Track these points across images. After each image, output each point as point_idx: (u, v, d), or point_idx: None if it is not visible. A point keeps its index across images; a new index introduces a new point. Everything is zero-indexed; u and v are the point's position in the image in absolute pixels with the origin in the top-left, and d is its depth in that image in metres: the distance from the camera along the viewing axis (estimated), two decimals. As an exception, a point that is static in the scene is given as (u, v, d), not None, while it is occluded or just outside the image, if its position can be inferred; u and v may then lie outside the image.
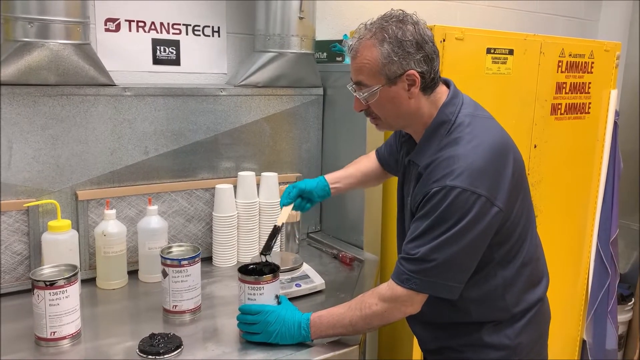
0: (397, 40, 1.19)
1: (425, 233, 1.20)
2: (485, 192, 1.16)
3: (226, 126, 1.92)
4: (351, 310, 1.29)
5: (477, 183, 1.16)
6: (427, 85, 1.25)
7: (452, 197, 1.15)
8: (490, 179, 1.18)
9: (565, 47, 2.20)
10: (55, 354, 1.30)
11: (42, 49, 1.54)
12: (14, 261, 1.62)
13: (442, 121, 1.26)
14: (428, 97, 1.27)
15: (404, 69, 1.21)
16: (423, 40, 1.21)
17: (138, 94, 1.74)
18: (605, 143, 2.48)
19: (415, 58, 1.21)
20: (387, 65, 1.20)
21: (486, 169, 1.18)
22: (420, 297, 1.25)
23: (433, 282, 1.21)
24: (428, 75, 1.23)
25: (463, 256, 1.20)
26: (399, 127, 1.38)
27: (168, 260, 1.46)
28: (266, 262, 1.43)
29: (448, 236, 1.17)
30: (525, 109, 2.14)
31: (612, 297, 2.62)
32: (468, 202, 1.15)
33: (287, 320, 1.31)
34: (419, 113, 1.28)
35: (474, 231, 1.17)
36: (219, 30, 2.04)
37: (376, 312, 1.26)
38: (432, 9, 2.59)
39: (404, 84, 1.22)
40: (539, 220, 2.30)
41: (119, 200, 1.75)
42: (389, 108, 1.27)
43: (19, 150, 1.58)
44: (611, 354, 2.68)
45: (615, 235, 2.58)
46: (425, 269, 1.20)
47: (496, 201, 1.18)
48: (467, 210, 1.15)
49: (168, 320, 1.47)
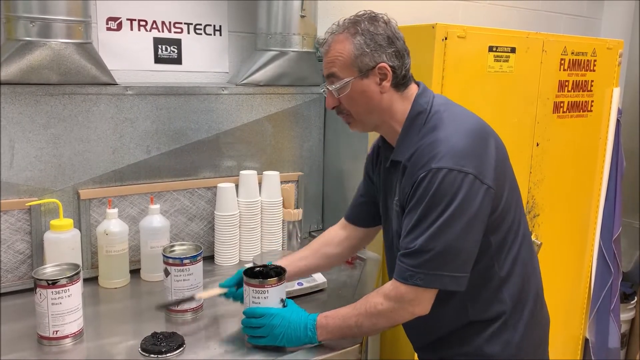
0: (370, 33, 1.21)
1: (419, 223, 1.17)
2: (472, 170, 1.15)
3: (228, 125, 1.92)
4: (356, 310, 1.25)
5: (462, 162, 1.14)
6: (398, 81, 1.25)
7: (440, 179, 1.14)
8: (476, 158, 1.17)
9: (567, 45, 2.19)
10: (57, 352, 1.30)
11: (44, 48, 1.54)
12: (17, 260, 1.62)
13: (418, 112, 1.25)
14: (401, 94, 1.27)
15: (375, 61, 1.21)
16: (394, 36, 1.23)
17: (140, 92, 1.74)
18: (608, 141, 2.47)
19: (387, 52, 1.22)
20: (360, 57, 1.21)
21: (469, 149, 1.17)
22: (428, 294, 1.20)
23: (438, 275, 1.17)
24: (399, 70, 1.24)
25: (462, 241, 1.16)
26: (372, 125, 1.32)
27: (170, 259, 1.47)
28: (273, 266, 1.40)
29: (443, 221, 1.14)
30: (527, 107, 2.14)
31: (615, 296, 2.61)
32: (456, 182, 1.13)
33: (293, 322, 1.27)
34: (391, 110, 1.27)
35: (467, 212, 1.15)
36: (220, 29, 2.04)
37: (382, 311, 1.22)
38: (433, 7, 2.58)
39: (376, 77, 1.23)
40: (541, 219, 2.31)
41: (121, 199, 1.75)
42: (361, 102, 1.25)
43: (21, 150, 1.59)
44: (614, 352, 2.67)
45: (617, 233, 2.57)
46: (427, 261, 1.16)
47: (485, 179, 1.16)
48: (457, 190, 1.13)
49: (170, 319, 1.47)
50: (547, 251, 2.30)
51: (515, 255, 1.29)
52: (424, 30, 1.79)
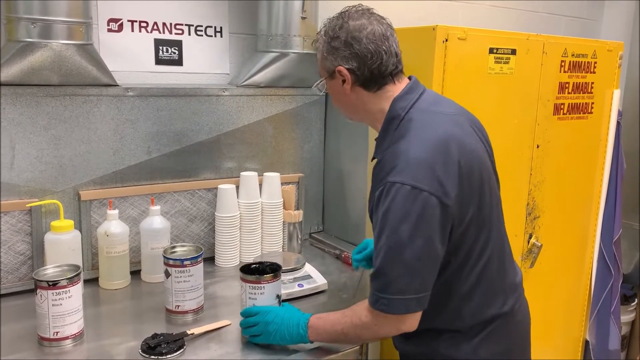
0: (328, 37, 1.24)
1: (378, 241, 1.13)
2: (427, 187, 1.09)
3: (228, 126, 1.92)
4: (345, 317, 1.23)
5: (419, 177, 1.09)
6: (364, 81, 1.24)
7: (393, 193, 1.10)
8: (434, 174, 1.10)
9: (568, 47, 2.20)
10: (58, 354, 1.30)
11: (45, 49, 1.54)
12: (17, 261, 1.62)
13: (392, 117, 1.23)
14: (373, 93, 1.25)
15: (334, 64, 1.24)
16: (354, 38, 1.20)
17: (140, 94, 1.75)
18: (608, 143, 2.47)
19: (342, 54, 1.22)
20: (323, 61, 1.27)
21: (428, 163, 1.11)
22: (405, 316, 1.15)
23: (400, 299, 1.12)
24: (361, 71, 1.22)
25: (420, 261, 1.11)
26: (357, 119, 1.35)
27: (171, 260, 1.47)
28: (269, 262, 1.43)
29: (398, 240, 1.09)
30: (527, 109, 2.14)
31: (615, 298, 2.61)
32: (409, 198, 1.08)
33: (286, 320, 1.28)
34: (364, 108, 1.28)
35: (423, 230, 1.09)
36: (221, 30, 2.04)
37: (366, 324, 1.19)
38: (434, 8, 2.59)
39: (339, 79, 1.25)
40: (541, 221, 2.31)
41: (122, 200, 1.75)
42: (335, 99, 1.33)
43: (21, 151, 1.59)
44: (614, 354, 2.67)
45: (618, 235, 2.57)
46: (387, 285, 1.12)
47: (442, 197, 1.10)
48: (410, 207, 1.08)
49: (171, 321, 1.47)
50: (547, 253, 2.30)
51: (480, 273, 1.23)
52: (424, 32, 1.79)
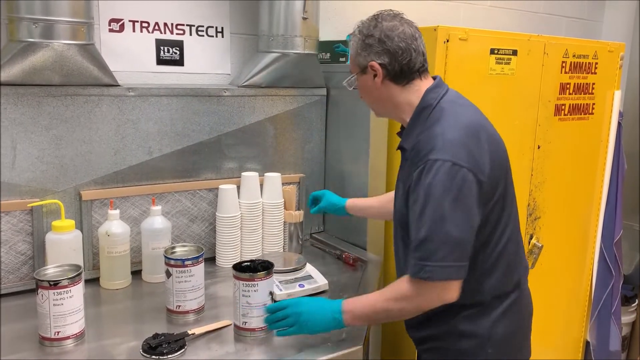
0: (362, 35, 1.35)
1: (421, 215, 1.21)
2: (466, 164, 1.20)
3: (229, 127, 1.93)
4: (384, 295, 1.28)
5: (457, 155, 1.21)
6: (395, 76, 1.33)
7: (435, 170, 1.19)
8: (470, 152, 1.22)
9: (569, 47, 2.20)
10: (59, 353, 1.30)
11: (47, 49, 1.54)
12: (18, 261, 1.62)
13: (424, 106, 1.33)
14: (402, 87, 1.35)
15: (367, 60, 1.34)
16: (387, 36, 1.32)
17: (142, 94, 1.75)
18: (609, 144, 2.47)
19: (376, 51, 1.32)
20: (356, 57, 1.37)
21: (464, 143, 1.23)
22: (448, 283, 1.22)
23: (443, 266, 1.19)
24: (392, 66, 1.32)
25: (462, 231, 1.20)
26: (384, 113, 1.45)
27: (172, 260, 1.47)
28: (260, 260, 1.45)
29: (442, 212, 1.18)
30: (528, 110, 2.14)
31: (616, 299, 2.61)
32: (450, 174, 1.19)
33: (318, 309, 1.30)
34: (393, 101, 1.36)
35: (464, 202, 1.20)
36: (222, 30, 2.04)
37: (408, 296, 1.24)
38: (435, 9, 2.59)
39: (371, 74, 1.35)
40: (542, 221, 2.31)
41: (123, 200, 1.75)
42: (365, 94, 1.41)
43: (23, 151, 1.59)
44: (615, 355, 2.67)
45: (619, 236, 2.57)
46: (431, 252, 1.19)
47: (478, 173, 1.22)
48: (452, 182, 1.19)
49: (172, 321, 1.47)
50: (548, 254, 2.30)
51: (501, 250, 1.33)
52: (425, 33, 1.77)
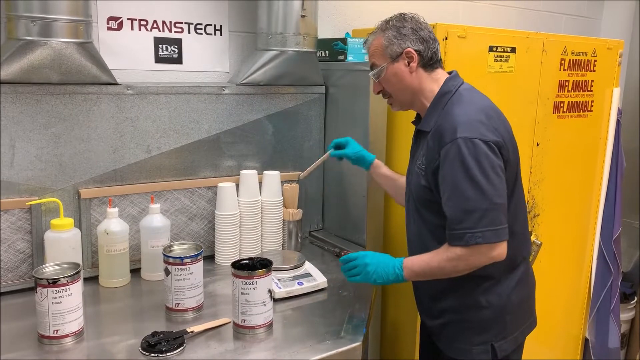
0: (396, 27, 1.48)
1: (455, 189, 1.34)
2: (491, 138, 1.35)
3: (228, 125, 1.93)
4: (438, 255, 1.40)
5: (481, 131, 1.35)
6: (426, 62, 1.48)
7: (464, 146, 1.33)
8: (491, 129, 1.37)
9: (567, 45, 2.20)
10: (58, 351, 1.30)
11: (45, 47, 1.54)
12: (17, 259, 1.62)
13: (444, 92, 1.48)
14: (429, 74, 1.50)
15: (402, 47, 1.47)
16: (418, 27, 1.48)
17: (140, 92, 1.75)
18: (608, 141, 2.47)
19: (411, 39, 1.47)
20: (389, 47, 1.48)
21: (483, 121, 1.38)
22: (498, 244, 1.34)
23: (491, 230, 1.33)
24: (425, 53, 1.47)
25: (499, 197, 1.34)
26: (407, 103, 1.55)
27: (170, 258, 1.47)
28: (259, 258, 1.46)
29: (479, 182, 1.32)
30: (527, 107, 2.14)
31: (615, 296, 2.62)
32: (479, 148, 1.33)
33: (382, 262, 1.45)
34: (421, 87, 1.49)
35: (495, 172, 1.34)
36: (221, 28, 2.04)
37: (461, 256, 1.36)
38: (434, 7, 2.59)
39: (404, 60, 1.48)
40: (541, 219, 2.31)
41: (122, 198, 1.75)
42: (395, 82, 1.50)
43: (21, 149, 1.59)
44: (614, 352, 2.68)
45: (618, 233, 2.57)
46: (479, 219, 1.32)
47: (502, 147, 1.37)
48: (482, 155, 1.33)
49: (170, 319, 1.47)
50: (547, 251, 2.30)
51: (513, 223, 1.44)
52: (424, 30, 1.79)
